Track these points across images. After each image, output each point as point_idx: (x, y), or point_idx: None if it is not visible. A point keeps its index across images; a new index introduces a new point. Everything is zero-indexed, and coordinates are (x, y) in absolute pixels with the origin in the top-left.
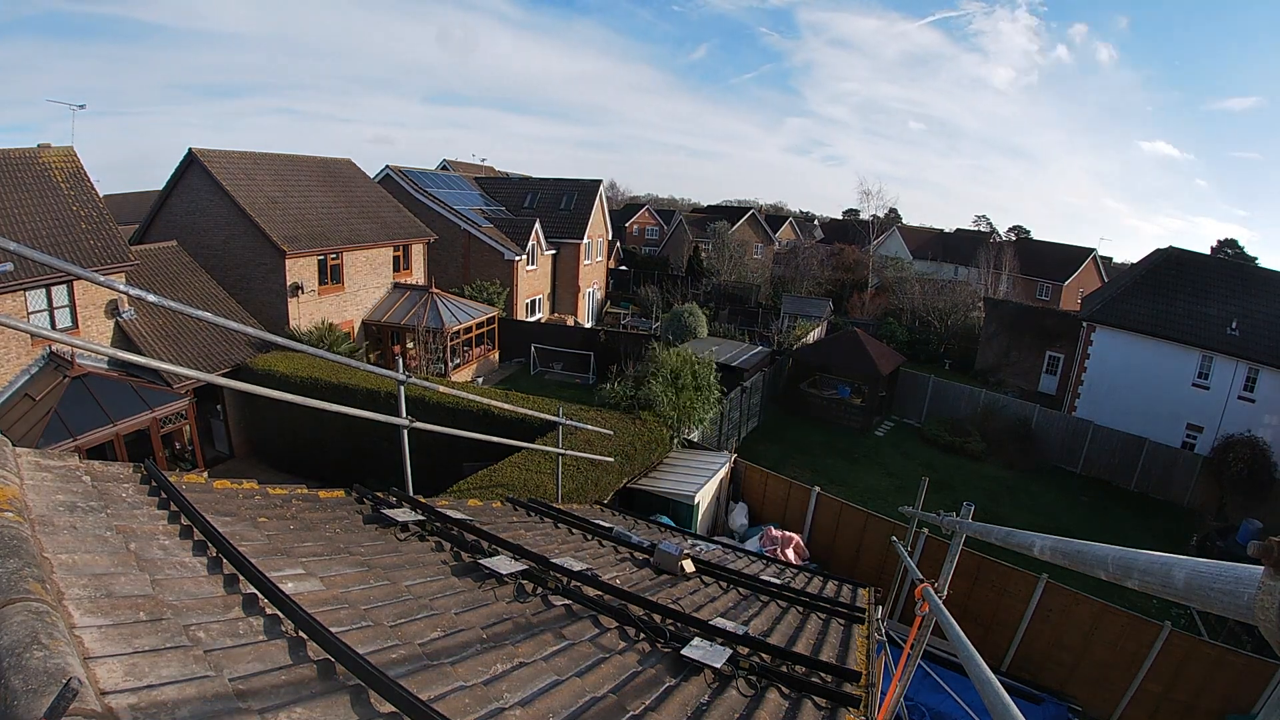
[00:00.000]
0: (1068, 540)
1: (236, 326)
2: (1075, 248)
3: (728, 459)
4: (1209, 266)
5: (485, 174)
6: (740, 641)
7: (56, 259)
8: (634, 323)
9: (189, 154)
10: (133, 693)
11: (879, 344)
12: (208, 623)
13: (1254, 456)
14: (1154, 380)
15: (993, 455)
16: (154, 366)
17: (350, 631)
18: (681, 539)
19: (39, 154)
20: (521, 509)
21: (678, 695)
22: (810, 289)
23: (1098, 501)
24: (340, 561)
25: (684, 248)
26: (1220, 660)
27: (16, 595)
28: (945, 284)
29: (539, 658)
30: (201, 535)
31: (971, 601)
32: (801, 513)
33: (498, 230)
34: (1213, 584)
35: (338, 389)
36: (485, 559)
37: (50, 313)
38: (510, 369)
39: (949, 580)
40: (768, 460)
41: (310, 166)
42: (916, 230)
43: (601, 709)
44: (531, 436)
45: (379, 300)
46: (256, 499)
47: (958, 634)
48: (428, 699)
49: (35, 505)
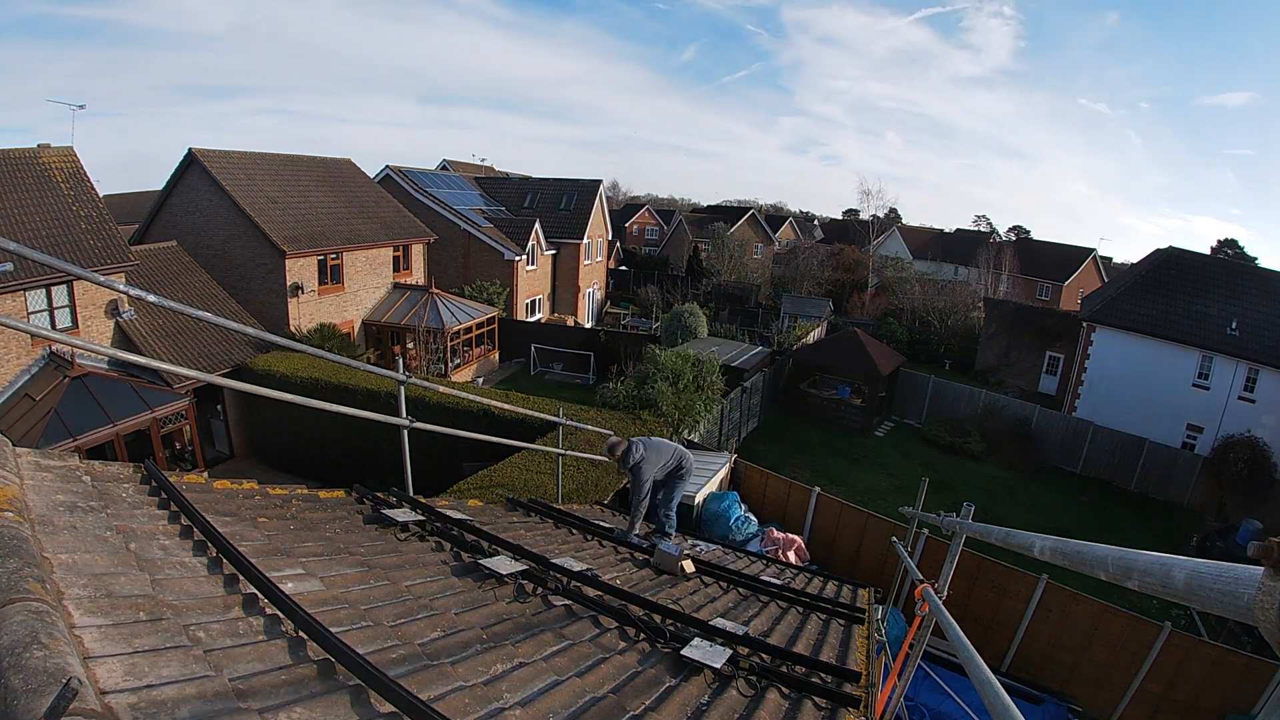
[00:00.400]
0: (1068, 540)
1: (236, 326)
2: (1075, 248)
3: (728, 459)
4: (1209, 266)
5: (485, 174)
6: (740, 642)
7: (56, 259)
8: (634, 323)
9: (189, 154)
10: (133, 692)
11: (879, 344)
12: (208, 623)
13: (1254, 456)
14: (1154, 380)
15: (993, 455)
16: (154, 366)
17: (350, 631)
18: (681, 539)
19: (39, 154)
20: (521, 509)
21: (678, 695)
22: (810, 289)
23: (1098, 502)
24: (340, 561)
25: (684, 248)
26: (1220, 660)
27: (16, 595)
28: (945, 284)
29: (539, 658)
30: (201, 535)
31: (971, 602)
32: (801, 513)
33: (498, 230)
34: (1213, 584)
35: (338, 389)
36: (485, 559)
37: (50, 313)
38: (510, 369)
39: (949, 580)
40: (768, 460)
41: (310, 166)
42: (916, 230)
43: (601, 709)
44: (531, 437)
45: (379, 300)
46: (256, 499)
47: (958, 634)
48: (428, 699)
49: (35, 505)
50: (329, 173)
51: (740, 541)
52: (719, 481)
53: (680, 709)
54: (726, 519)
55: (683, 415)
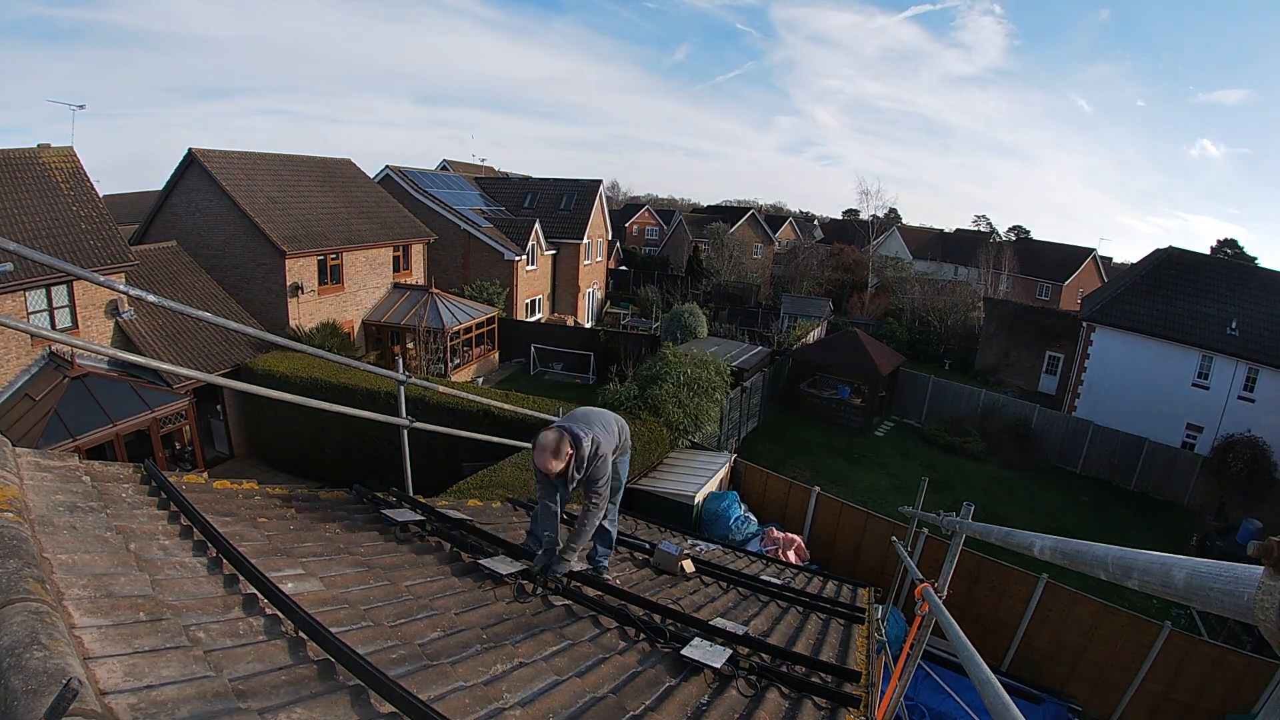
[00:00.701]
0: (1068, 540)
1: (236, 326)
2: (1075, 248)
3: (728, 459)
4: (1209, 266)
5: (485, 174)
6: (740, 641)
7: (56, 259)
8: (634, 323)
9: (189, 154)
10: (133, 693)
11: (879, 344)
12: (208, 623)
13: (1254, 456)
14: (1154, 380)
15: (993, 455)
16: (154, 366)
17: (350, 631)
18: (681, 539)
19: (39, 154)
20: (521, 509)
21: (678, 695)
22: (810, 289)
23: (1098, 501)
24: (340, 561)
25: (684, 248)
26: (1220, 660)
27: (16, 595)
28: (945, 284)
29: (539, 658)
30: (201, 535)
31: (971, 602)
32: (801, 513)
33: (498, 230)
34: (1213, 584)
35: (338, 389)
36: (485, 559)
37: (50, 313)
38: (510, 369)
39: (949, 580)
40: (768, 460)
41: (310, 166)
42: (916, 230)
43: (601, 709)
44: (531, 437)
45: (379, 300)
46: (256, 499)
47: (958, 634)
48: (428, 699)
49: (35, 505)
50: (329, 173)
51: (740, 541)
52: (719, 481)
53: (680, 709)
54: (726, 519)
55: (693, 420)
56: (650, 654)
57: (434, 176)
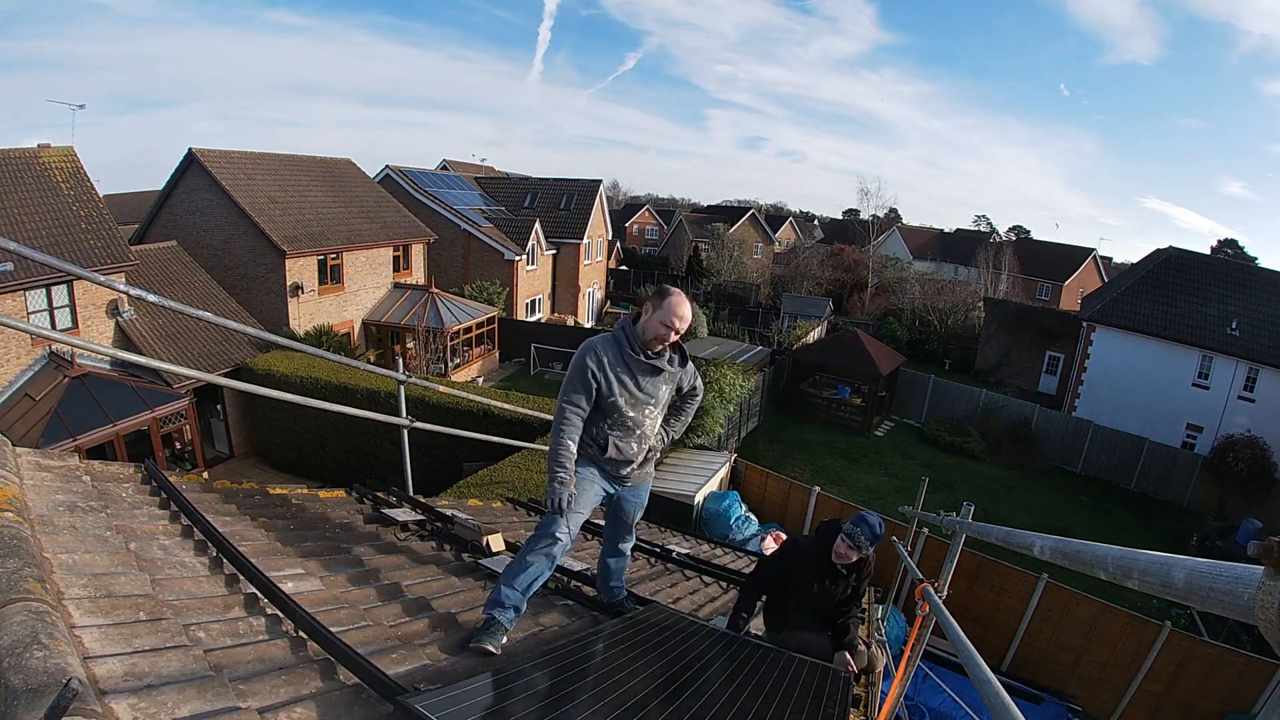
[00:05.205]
0: (1068, 540)
1: (236, 326)
2: (1075, 248)
3: (728, 459)
4: (1209, 267)
5: (485, 174)
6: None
7: (56, 259)
8: None
9: (189, 154)
10: (133, 693)
11: (879, 344)
12: (208, 623)
13: (1254, 456)
14: (1154, 380)
15: (993, 455)
16: (154, 366)
17: (350, 631)
18: (681, 538)
19: (39, 154)
20: (522, 509)
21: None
22: (810, 289)
23: (1098, 501)
24: (340, 561)
25: (684, 248)
26: (1220, 660)
27: (16, 595)
28: (945, 284)
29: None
30: (202, 535)
31: (971, 601)
32: (801, 513)
33: (498, 230)
34: (1213, 584)
35: (338, 389)
36: (485, 559)
37: (50, 313)
38: (510, 369)
39: (949, 580)
40: (768, 460)
41: (310, 166)
42: (916, 230)
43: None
44: (532, 436)
45: (379, 300)
46: (256, 499)
47: (958, 634)
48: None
49: (35, 505)
50: (329, 173)
51: (740, 541)
52: (719, 481)
53: None
54: (726, 519)
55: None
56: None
57: (434, 176)
